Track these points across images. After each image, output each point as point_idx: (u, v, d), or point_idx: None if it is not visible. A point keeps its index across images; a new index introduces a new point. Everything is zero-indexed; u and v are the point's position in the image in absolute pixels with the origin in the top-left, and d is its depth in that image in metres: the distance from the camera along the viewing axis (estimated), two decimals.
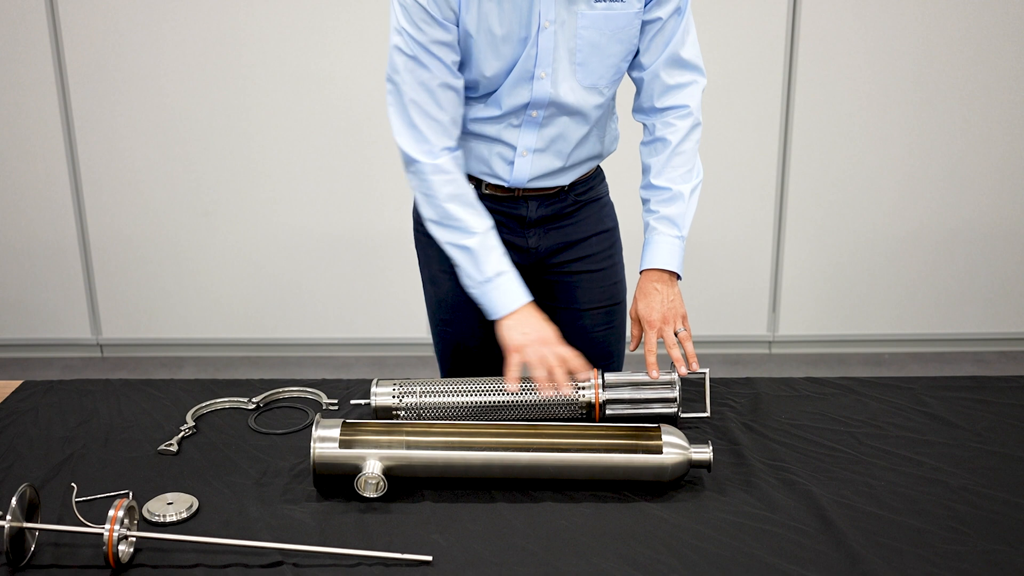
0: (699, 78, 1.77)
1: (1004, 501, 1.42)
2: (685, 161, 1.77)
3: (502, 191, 1.79)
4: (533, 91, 1.66)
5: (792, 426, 1.66)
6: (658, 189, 1.77)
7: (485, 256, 1.68)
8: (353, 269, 3.64)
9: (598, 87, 1.70)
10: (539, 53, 1.63)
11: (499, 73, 1.65)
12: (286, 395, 1.80)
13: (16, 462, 1.55)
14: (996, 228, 3.62)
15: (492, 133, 1.73)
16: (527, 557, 1.30)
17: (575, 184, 1.83)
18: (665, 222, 1.76)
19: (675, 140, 1.75)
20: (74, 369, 3.69)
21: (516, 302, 1.67)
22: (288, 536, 1.34)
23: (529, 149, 1.73)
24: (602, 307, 1.89)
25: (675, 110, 1.75)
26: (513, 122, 1.71)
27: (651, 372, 1.65)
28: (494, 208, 1.79)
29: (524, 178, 1.75)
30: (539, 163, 1.75)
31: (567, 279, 1.87)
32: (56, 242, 3.63)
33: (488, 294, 1.68)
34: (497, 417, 1.62)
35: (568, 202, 1.83)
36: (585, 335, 1.88)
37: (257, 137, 3.51)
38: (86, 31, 3.40)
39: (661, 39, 1.70)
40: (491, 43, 1.62)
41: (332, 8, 3.35)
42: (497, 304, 1.67)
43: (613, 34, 1.66)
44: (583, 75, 1.68)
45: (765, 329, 3.75)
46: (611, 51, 1.67)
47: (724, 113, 3.47)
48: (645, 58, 1.73)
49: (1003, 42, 3.40)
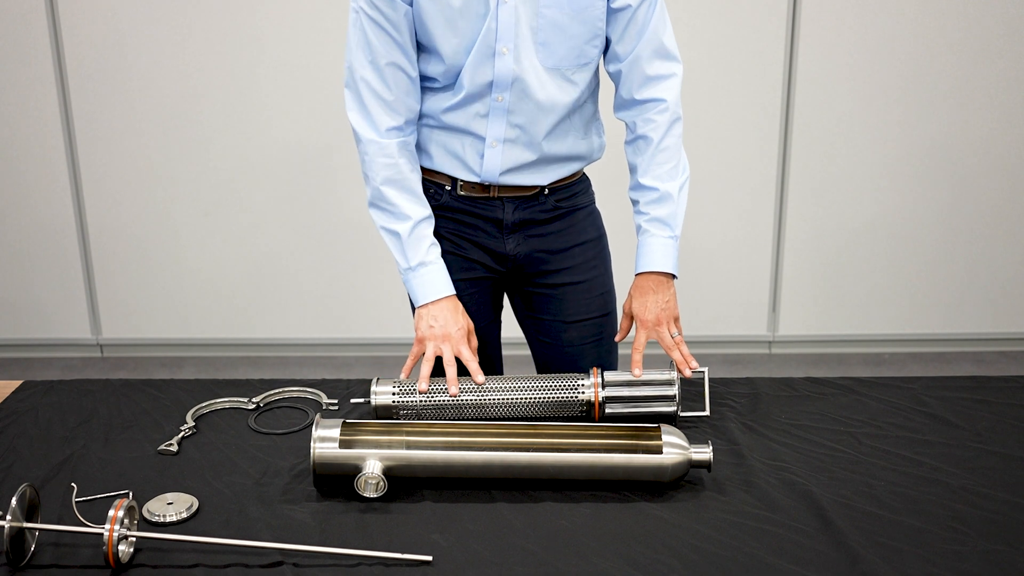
0: (678, 69, 1.76)
1: (1004, 501, 1.42)
2: (669, 157, 1.76)
3: (478, 190, 1.78)
4: (496, 68, 1.66)
5: (792, 426, 1.66)
6: (646, 189, 1.76)
7: (413, 244, 1.73)
8: (353, 269, 3.64)
9: (561, 69, 1.70)
10: (499, 27, 1.63)
11: (459, 50, 1.65)
12: (286, 395, 1.80)
13: (16, 462, 1.55)
14: (996, 228, 3.62)
15: (461, 124, 1.73)
16: (527, 557, 1.30)
17: (555, 189, 1.82)
18: (657, 223, 1.76)
19: (656, 137, 1.75)
20: (74, 369, 3.69)
21: (435, 293, 1.72)
22: (288, 536, 1.34)
23: (498, 139, 1.72)
24: (590, 319, 1.87)
25: (654, 104, 1.75)
26: (480, 111, 1.71)
27: (634, 370, 1.65)
28: (470, 210, 1.79)
29: (495, 170, 1.75)
30: (510, 155, 1.74)
31: (552, 292, 1.86)
32: (56, 242, 3.63)
33: (411, 281, 1.74)
34: (497, 417, 1.62)
35: (548, 207, 1.82)
36: (574, 348, 1.87)
37: (257, 137, 3.51)
38: (86, 31, 3.40)
39: (634, 28, 1.70)
40: (448, 17, 1.63)
41: (332, 8, 3.35)
42: (418, 292, 1.73)
43: (575, 14, 1.66)
44: (545, 55, 1.68)
45: (765, 329, 3.75)
46: (573, 32, 1.67)
47: (724, 113, 3.47)
48: (620, 48, 1.72)
49: (1002, 42, 3.40)
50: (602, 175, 1.97)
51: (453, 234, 1.82)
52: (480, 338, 1.85)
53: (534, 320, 1.90)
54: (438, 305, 1.72)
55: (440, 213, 1.80)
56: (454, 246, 1.82)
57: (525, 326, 1.93)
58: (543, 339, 1.90)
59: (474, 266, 1.83)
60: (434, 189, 1.80)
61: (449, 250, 1.81)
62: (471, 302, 1.83)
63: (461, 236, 1.82)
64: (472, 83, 1.68)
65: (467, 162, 1.76)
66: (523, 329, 1.94)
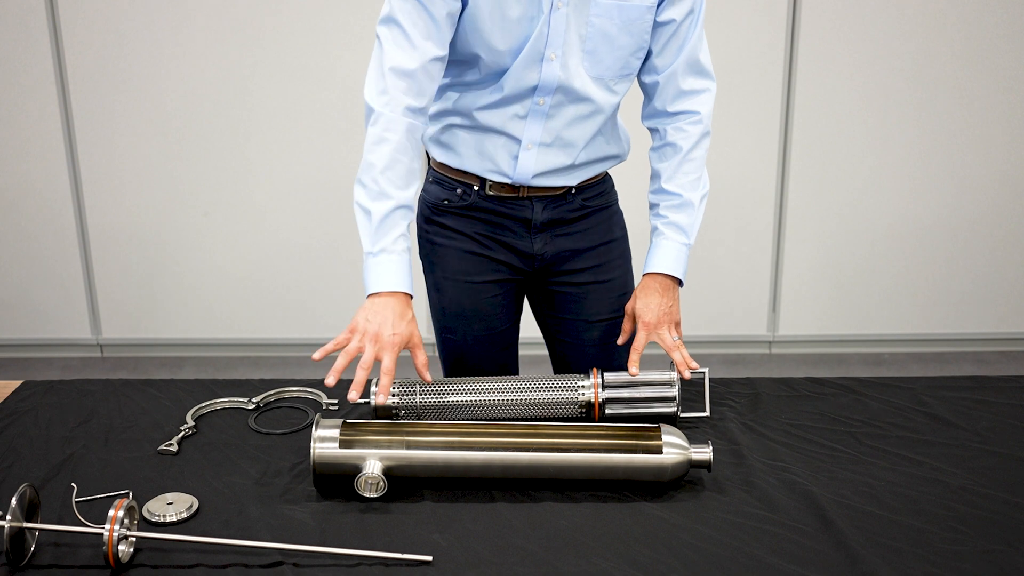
0: (712, 86, 1.78)
1: (1004, 501, 1.42)
2: (695, 168, 1.77)
3: (507, 190, 1.77)
4: (542, 73, 1.65)
5: (792, 426, 1.66)
6: (669, 194, 1.77)
7: (383, 229, 1.60)
8: (354, 269, 3.64)
9: (605, 79, 1.69)
10: (550, 33, 1.62)
11: (508, 51, 1.64)
12: (286, 395, 1.80)
13: (16, 462, 1.55)
14: (996, 228, 3.62)
15: (497, 124, 1.71)
16: (527, 557, 1.30)
17: (583, 188, 1.82)
18: (674, 228, 1.76)
19: (686, 146, 1.76)
20: (74, 369, 3.69)
21: (385, 285, 1.58)
22: (288, 536, 1.33)
23: (534, 143, 1.72)
24: (610, 319, 1.87)
25: (687, 115, 1.76)
26: (519, 112, 1.70)
27: (631, 368, 1.65)
28: (499, 210, 1.78)
29: (528, 173, 1.74)
30: (544, 159, 1.73)
31: (574, 290, 1.86)
32: (56, 242, 3.63)
33: (367, 268, 1.61)
34: (497, 417, 1.62)
35: (575, 205, 1.82)
36: (593, 347, 1.87)
37: (257, 137, 3.51)
38: (86, 31, 3.40)
39: (676, 42, 1.71)
40: (502, 20, 1.61)
41: (333, 8, 3.35)
42: (369, 279, 1.60)
43: (624, 25, 1.65)
44: (591, 64, 1.67)
45: (765, 329, 3.75)
46: (621, 43, 1.67)
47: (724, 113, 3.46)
48: (659, 60, 1.73)
49: (1002, 42, 3.40)
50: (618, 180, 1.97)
51: (480, 234, 1.80)
52: (500, 340, 1.85)
53: (556, 319, 1.89)
54: (383, 300, 1.57)
55: (467, 213, 1.79)
56: (481, 247, 1.81)
57: (545, 326, 1.93)
58: (564, 338, 1.90)
59: (500, 268, 1.82)
60: (462, 189, 1.78)
61: (476, 251, 1.80)
62: (494, 305, 1.83)
63: (488, 236, 1.80)
64: (516, 85, 1.66)
65: (499, 163, 1.74)
66: (542, 329, 1.94)
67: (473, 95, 1.71)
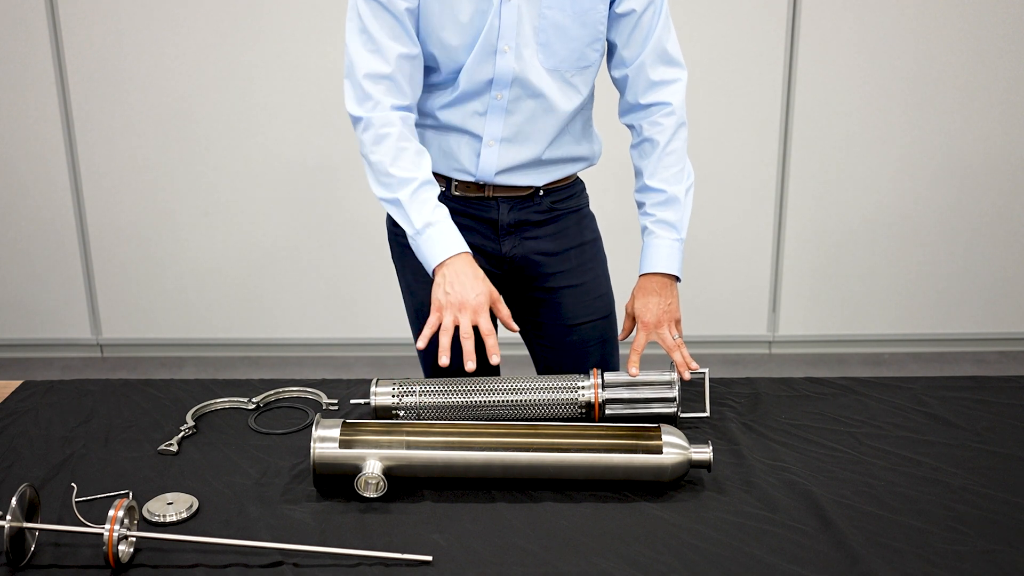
0: (682, 75, 1.77)
1: (1004, 501, 1.42)
2: (676, 161, 1.76)
3: (472, 190, 1.78)
4: (496, 66, 1.66)
5: (792, 426, 1.66)
6: (653, 191, 1.77)
7: (417, 207, 1.62)
8: (353, 269, 3.64)
9: (561, 71, 1.70)
10: (501, 25, 1.63)
11: (462, 46, 1.65)
12: (286, 395, 1.80)
13: (16, 462, 1.55)
14: (996, 228, 3.62)
15: (458, 122, 1.72)
16: (527, 557, 1.30)
17: (551, 190, 1.82)
18: (663, 225, 1.76)
19: (663, 140, 1.75)
20: (74, 369, 3.69)
21: (445, 252, 1.60)
22: (288, 536, 1.33)
23: (495, 139, 1.72)
24: (590, 321, 1.87)
25: (659, 107, 1.75)
26: (478, 109, 1.70)
27: (631, 369, 1.65)
28: (466, 211, 1.78)
29: (491, 170, 1.74)
30: (506, 155, 1.74)
31: (550, 296, 1.86)
32: (56, 242, 3.63)
33: (420, 247, 1.63)
34: (497, 417, 1.62)
35: (544, 207, 1.81)
36: (578, 351, 1.87)
37: (257, 136, 3.51)
38: (86, 31, 3.40)
39: (639, 33, 1.71)
40: (453, 15, 1.63)
41: (332, 8, 3.35)
42: (427, 254, 1.62)
43: (576, 16, 1.66)
44: (545, 56, 1.68)
45: (765, 329, 3.75)
46: (574, 34, 1.68)
47: (724, 113, 3.47)
48: (627, 52, 1.73)
49: (1002, 41, 3.40)
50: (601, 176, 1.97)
51: None
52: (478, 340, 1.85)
53: (534, 325, 1.89)
54: (451, 266, 1.59)
55: None
56: None
57: (525, 331, 1.93)
58: (545, 344, 1.90)
59: None
60: None
61: None
62: None
63: None
64: (471, 80, 1.68)
65: (462, 161, 1.75)
66: (523, 336, 1.94)
67: (436, 96, 1.73)
